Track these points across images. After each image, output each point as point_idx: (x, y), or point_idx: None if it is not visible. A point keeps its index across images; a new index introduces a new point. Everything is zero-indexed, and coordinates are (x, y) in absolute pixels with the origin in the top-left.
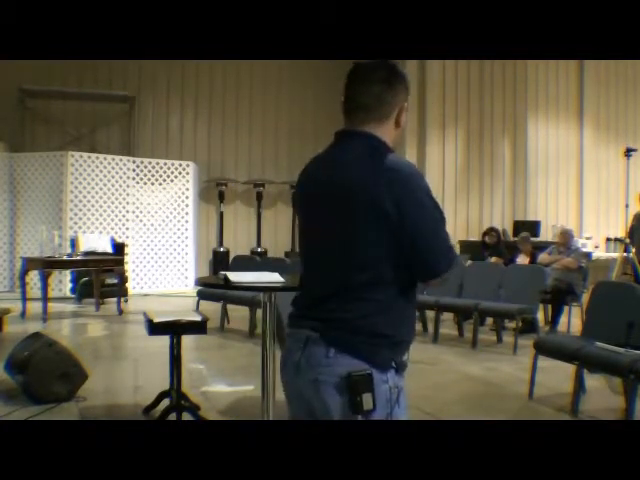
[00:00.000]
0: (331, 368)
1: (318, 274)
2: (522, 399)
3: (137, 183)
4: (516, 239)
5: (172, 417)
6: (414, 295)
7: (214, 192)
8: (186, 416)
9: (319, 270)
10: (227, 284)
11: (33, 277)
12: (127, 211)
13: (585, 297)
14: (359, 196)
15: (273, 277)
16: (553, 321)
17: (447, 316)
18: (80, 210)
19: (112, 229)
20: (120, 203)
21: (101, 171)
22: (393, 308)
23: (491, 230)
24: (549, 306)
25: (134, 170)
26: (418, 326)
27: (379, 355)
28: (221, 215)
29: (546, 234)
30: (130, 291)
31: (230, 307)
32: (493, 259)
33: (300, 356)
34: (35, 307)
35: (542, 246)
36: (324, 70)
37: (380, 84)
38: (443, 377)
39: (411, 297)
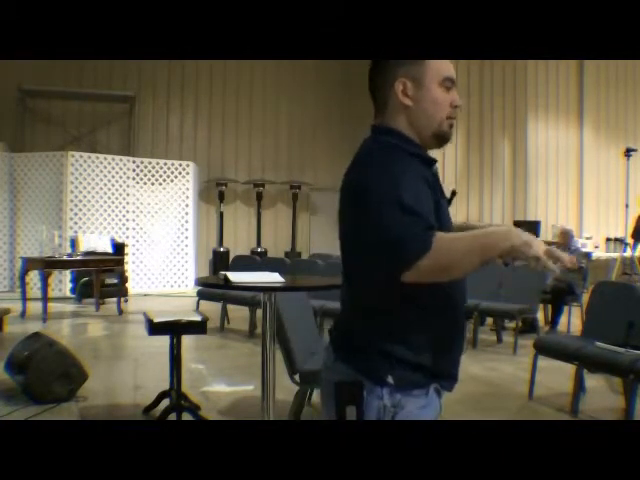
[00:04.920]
0: (331, 375)
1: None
2: (522, 399)
3: (137, 183)
4: None
5: (172, 417)
6: (430, 307)
7: (214, 192)
8: (186, 416)
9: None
10: (227, 284)
11: (33, 277)
12: (127, 211)
13: (585, 297)
14: (344, 200)
15: (273, 277)
16: (553, 321)
17: None
18: (80, 210)
19: (112, 229)
20: (120, 203)
21: (101, 171)
22: (391, 321)
23: None
24: (549, 306)
25: (134, 170)
26: None
27: (371, 369)
28: (221, 215)
29: (546, 234)
30: (130, 291)
31: (230, 307)
32: None
33: (324, 362)
34: (35, 307)
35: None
36: (324, 70)
37: (374, 73)
38: None
39: (425, 309)
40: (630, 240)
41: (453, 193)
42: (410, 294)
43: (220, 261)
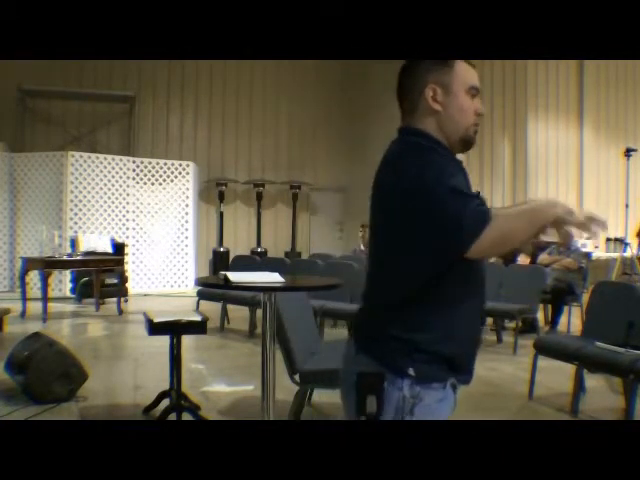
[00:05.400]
0: (353, 367)
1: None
2: (522, 399)
3: (137, 183)
4: None
5: (172, 417)
6: (454, 301)
7: (214, 192)
8: (186, 416)
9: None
10: (227, 284)
11: (33, 277)
12: (127, 211)
13: (585, 297)
14: (375, 197)
15: (273, 277)
16: (553, 321)
17: None
18: (80, 210)
19: (112, 229)
20: (120, 203)
21: (101, 171)
22: (414, 313)
23: None
24: (549, 306)
25: (134, 170)
26: None
27: (393, 359)
28: (221, 215)
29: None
30: (130, 291)
31: (230, 307)
32: (493, 259)
33: (344, 354)
34: (35, 307)
35: (542, 246)
36: (324, 70)
37: (404, 77)
38: None
39: (448, 303)
40: (635, 239)
41: (477, 194)
42: (434, 289)
43: (220, 261)
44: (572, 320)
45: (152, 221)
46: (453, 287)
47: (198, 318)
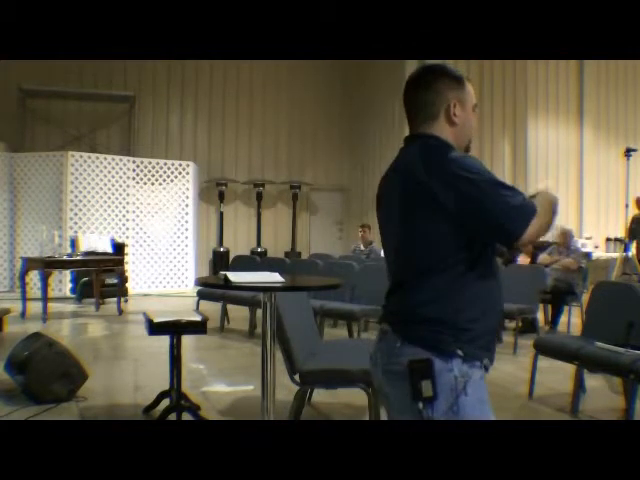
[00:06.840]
0: (398, 358)
1: (389, 269)
2: (522, 399)
3: (137, 183)
4: None
5: (172, 417)
6: (484, 280)
7: (214, 192)
8: (186, 416)
9: (389, 266)
10: (227, 284)
11: (33, 277)
12: (127, 211)
13: (585, 297)
14: (407, 191)
15: (273, 277)
16: (553, 321)
17: None
18: (80, 210)
19: (112, 229)
20: (120, 203)
21: (101, 171)
22: (453, 294)
23: None
24: (549, 306)
25: (134, 170)
26: None
27: (440, 342)
28: (221, 215)
29: (546, 234)
30: (130, 291)
31: (230, 307)
32: None
33: (376, 349)
34: (35, 307)
35: (542, 246)
36: (324, 70)
37: (422, 89)
38: None
39: (479, 282)
40: (626, 239)
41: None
42: (469, 272)
43: (220, 261)
44: (572, 320)
45: (152, 221)
46: (482, 271)
47: (198, 318)
